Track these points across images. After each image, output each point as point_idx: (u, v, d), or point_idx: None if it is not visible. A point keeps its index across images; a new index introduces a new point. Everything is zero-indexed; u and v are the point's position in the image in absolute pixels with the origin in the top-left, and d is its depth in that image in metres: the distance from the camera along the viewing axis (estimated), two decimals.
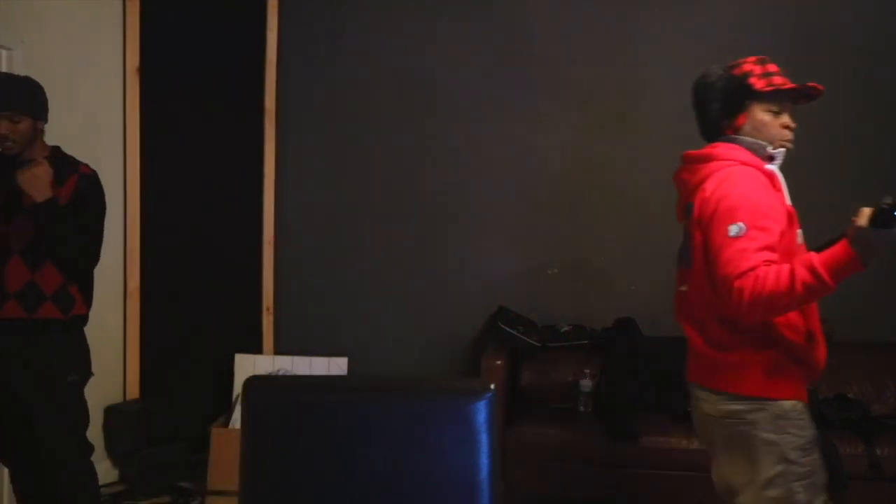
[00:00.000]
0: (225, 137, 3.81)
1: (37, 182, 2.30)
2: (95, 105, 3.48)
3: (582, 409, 3.33)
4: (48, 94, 2.95)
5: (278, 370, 3.62)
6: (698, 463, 2.98)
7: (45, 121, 2.48)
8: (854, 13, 3.62)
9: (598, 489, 3.07)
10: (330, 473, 1.37)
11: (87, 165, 2.54)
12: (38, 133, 2.45)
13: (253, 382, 1.43)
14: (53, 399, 2.43)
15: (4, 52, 2.86)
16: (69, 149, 3.21)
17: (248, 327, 3.91)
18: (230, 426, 3.39)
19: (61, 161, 2.47)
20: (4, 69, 2.86)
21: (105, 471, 3.52)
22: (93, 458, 3.42)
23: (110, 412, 3.48)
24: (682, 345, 3.48)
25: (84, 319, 2.53)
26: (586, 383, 3.34)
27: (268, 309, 3.95)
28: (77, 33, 3.31)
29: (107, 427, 3.51)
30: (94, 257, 2.51)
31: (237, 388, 3.54)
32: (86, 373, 2.53)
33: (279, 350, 3.94)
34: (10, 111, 2.34)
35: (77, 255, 2.43)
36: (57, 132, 3.16)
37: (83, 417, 2.54)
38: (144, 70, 3.64)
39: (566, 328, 3.61)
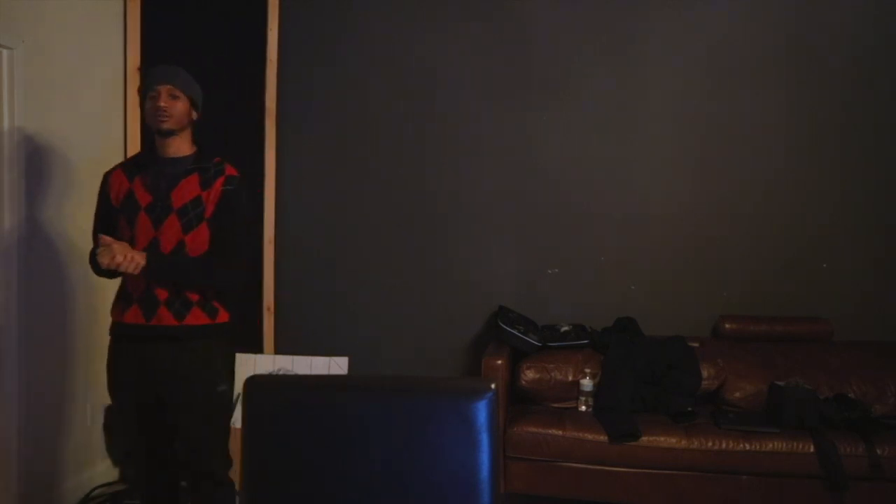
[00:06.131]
0: (225, 137, 3.80)
1: (126, 261, 2.24)
2: (95, 105, 3.48)
3: (582, 409, 3.33)
4: (48, 94, 2.95)
5: (278, 370, 3.62)
6: (698, 463, 3.00)
7: (199, 114, 2.48)
8: (854, 12, 3.62)
9: (598, 489, 3.07)
10: (330, 473, 1.37)
11: (229, 166, 2.48)
12: (191, 121, 2.44)
13: (253, 382, 1.43)
14: (203, 408, 2.42)
15: (5, 52, 2.86)
16: (69, 148, 3.23)
17: (248, 327, 3.91)
18: (230, 426, 3.39)
19: (205, 162, 2.44)
20: (5, 69, 2.87)
21: (105, 471, 3.52)
22: (92, 458, 3.44)
23: (110, 412, 3.48)
24: (681, 344, 3.50)
25: (231, 328, 2.51)
26: (586, 383, 3.34)
27: (268, 309, 3.94)
28: (77, 33, 3.31)
29: (107, 427, 3.51)
30: (241, 277, 2.47)
31: (237, 387, 3.54)
32: (232, 384, 2.53)
33: (279, 350, 3.93)
34: (172, 84, 2.37)
35: (223, 286, 2.45)
36: (57, 132, 3.17)
37: (227, 429, 2.53)
38: (144, 70, 3.64)
39: (566, 328, 3.61)
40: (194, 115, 2.46)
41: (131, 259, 2.24)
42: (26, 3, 2.98)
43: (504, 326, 3.49)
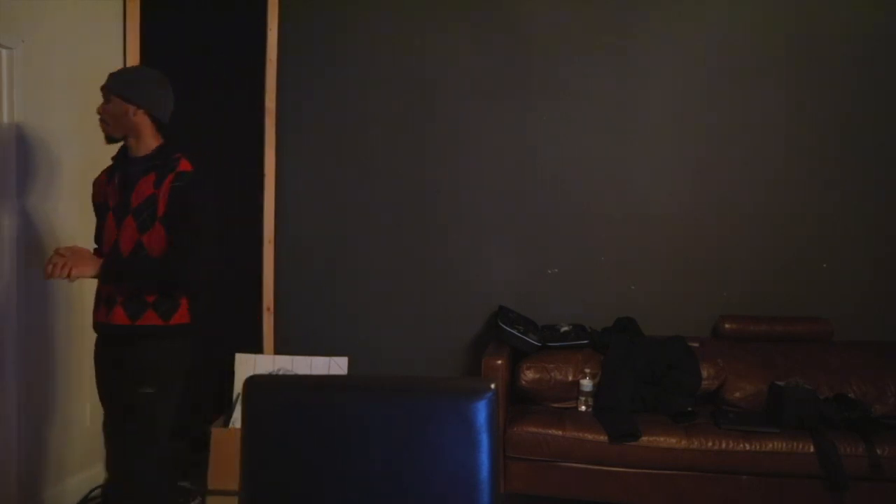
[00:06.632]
0: (225, 137, 3.81)
1: (74, 266, 2.25)
2: (95, 105, 3.47)
3: (582, 409, 3.33)
4: (47, 94, 2.95)
5: (278, 370, 3.62)
6: (698, 463, 2.99)
7: (147, 109, 2.39)
8: (854, 12, 3.62)
9: (598, 489, 3.07)
10: (330, 473, 1.37)
11: (186, 162, 2.40)
12: (133, 120, 2.38)
13: (253, 382, 1.43)
14: (128, 408, 2.38)
15: (4, 52, 2.86)
16: (68, 148, 3.23)
17: (248, 327, 3.91)
18: (230, 426, 3.39)
19: (162, 159, 2.40)
20: (4, 69, 2.86)
21: (105, 471, 3.52)
22: (92, 459, 3.43)
23: None
24: (681, 344, 3.50)
25: (189, 329, 2.44)
26: (586, 383, 3.34)
27: (268, 309, 3.95)
28: (77, 33, 3.31)
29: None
30: (194, 275, 2.37)
31: (237, 387, 3.54)
32: (166, 388, 2.40)
33: (279, 350, 3.94)
34: (104, 91, 2.39)
35: (176, 285, 2.38)
36: (56, 132, 3.17)
37: (155, 440, 2.40)
38: None
39: (566, 328, 3.61)
40: (138, 112, 2.38)
41: (62, 266, 2.23)
42: (26, 3, 2.98)
43: (504, 326, 3.49)
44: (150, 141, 2.43)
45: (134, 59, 3.63)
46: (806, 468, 2.92)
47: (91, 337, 2.54)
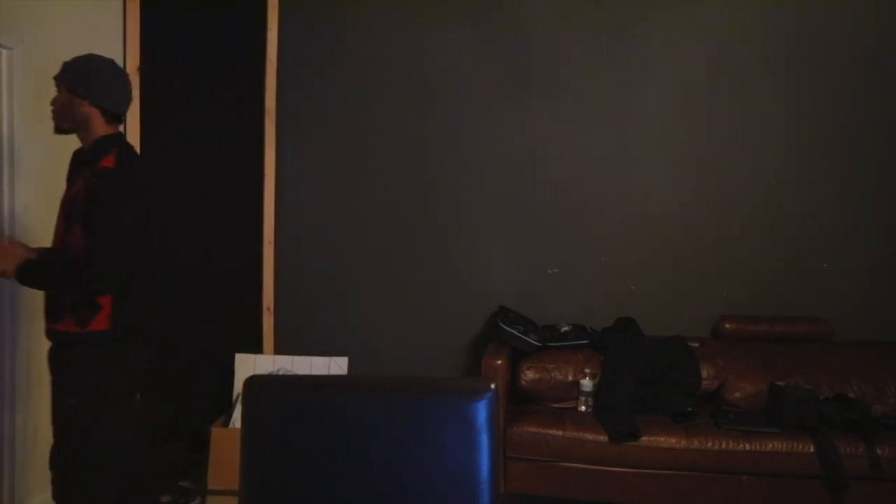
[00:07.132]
0: (225, 137, 3.81)
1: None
2: None
3: (582, 409, 3.33)
4: (48, 95, 2.95)
5: (278, 370, 3.62)
6: (698, 463, 2.99)
7: (94, 101, 2.28)
8: (854, 12, 3.62)
9: (598, 489, 3.07)
10: (330, 473, 1.37)
11: (111, 157, 2.24)
12: (80, 111, 2.28)
13: (253, 382, 1.43)
14: (56, 420, 2.27)
15: (5, 52, 2.86)
16: (69, 149, 3.22)
17: (248, 327, 3.91)
18: (230, 426, 3.39)
19: (95, 154, 2.28)
20: (4, 69, 2.86)
21: None
22: None
23: None
24: (681, 344, 3.50)
25: (108, 337, 2.26)
26: (586, 383, 3.34)
27: (268, 309, 3.95)
28: (77, 33, 3.31)
29: None
30: (106, 277, 2.17)
31: (237, 387, 3.54)
32: (94, 398, 2.24)
33: (279, 350, 3.94)
34: (55, 80, 2.30)
35: (88, 289, 2.20)
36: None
37: (83, 459, 2.25)
38: (144, 70, 3.65)
39: (566, 328, 3.61)
40: (84, 104, 2.28)
41: None
42: (26, 3, 2.98)
43: (504, 326, 3.49)
44: (98, 134, 2.32)
45: (134, 59, 3.63)
46: (806, 468, 2.92)
47: None
